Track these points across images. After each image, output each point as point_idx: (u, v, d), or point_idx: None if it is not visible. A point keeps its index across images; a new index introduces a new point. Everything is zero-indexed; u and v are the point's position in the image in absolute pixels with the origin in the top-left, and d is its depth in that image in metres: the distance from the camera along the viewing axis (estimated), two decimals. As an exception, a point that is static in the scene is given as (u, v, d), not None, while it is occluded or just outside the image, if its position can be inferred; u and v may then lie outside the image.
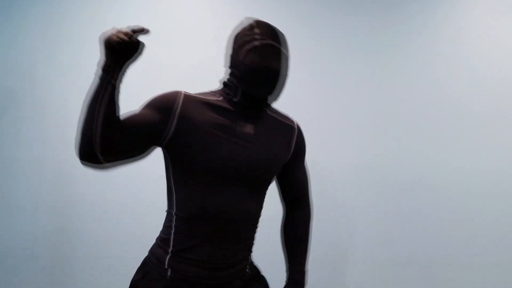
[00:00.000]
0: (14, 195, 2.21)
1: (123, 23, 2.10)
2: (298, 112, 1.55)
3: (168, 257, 1.12)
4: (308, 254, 1.29)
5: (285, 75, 1.17)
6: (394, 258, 2.16)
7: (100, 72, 0.97)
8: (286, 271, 1.25)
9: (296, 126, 1.29)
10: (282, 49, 1.14)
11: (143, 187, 2.11)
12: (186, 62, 2.16)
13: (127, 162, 1.07)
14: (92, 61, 2.09)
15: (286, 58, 1.16)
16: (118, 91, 1.00)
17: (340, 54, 2.22)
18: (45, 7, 2.23)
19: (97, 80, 0.97)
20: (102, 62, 0.97)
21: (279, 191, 1.33)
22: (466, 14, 2.19)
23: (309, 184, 1.35)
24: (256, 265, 1.29)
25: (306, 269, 1.27)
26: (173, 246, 1.12)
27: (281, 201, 1.33)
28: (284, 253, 1.29)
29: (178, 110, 1.08)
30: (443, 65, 2.19)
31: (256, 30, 1.13)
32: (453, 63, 2.19)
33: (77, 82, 2.17)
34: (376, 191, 2.19)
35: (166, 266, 1.12)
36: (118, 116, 1.02)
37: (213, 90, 1.21)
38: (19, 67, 2.24)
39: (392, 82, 2.21)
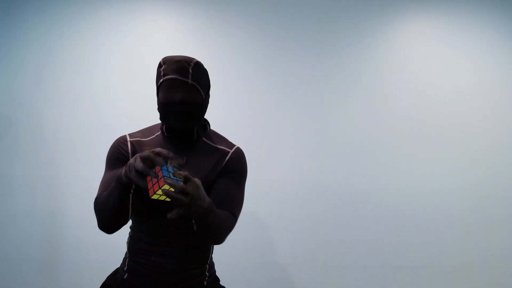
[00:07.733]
0: (12, 205, 2.28)
1: (114, 60, 2.37)
2: (255, 138, 1.95)
3: (127, 260, 1.23)
4: (216, 221, 1.05)
5: (197, 103, 1.11)
6: (332, 261, 2.30)
7: (120, 184, 0.98)
8: None
9: (231, 151, 1.23)
10: (189, 80, 1.09)
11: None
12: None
13: None
14: (75, 94, 2.37)
15: (195, 88, 1.11)
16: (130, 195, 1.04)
17: (289, 83, 2.35)
18: (39, 48, 2.35)
19: (118, 187, 0.99)
20: (124, 179, 0.96)
21: None
22: (394, 48, 2.39)
23: (237, 205, 1.18)
24: (217, 277, 1.30)
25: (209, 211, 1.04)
26: (129, 252, 1.24)
27: None
28: None
29: (130, 156, 1.17)
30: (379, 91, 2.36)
31: (162, 68, 1.11)
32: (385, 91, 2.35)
33: (64, 111, 2.33)
34: (317, 203, 2.31)
35: (125, 268, 1.22)
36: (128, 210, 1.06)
37: (155, 124, 1.27)
38: (16, 99, 2.33)
39: (333, 110, 2.35)
